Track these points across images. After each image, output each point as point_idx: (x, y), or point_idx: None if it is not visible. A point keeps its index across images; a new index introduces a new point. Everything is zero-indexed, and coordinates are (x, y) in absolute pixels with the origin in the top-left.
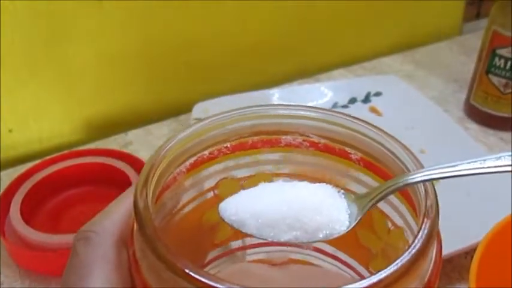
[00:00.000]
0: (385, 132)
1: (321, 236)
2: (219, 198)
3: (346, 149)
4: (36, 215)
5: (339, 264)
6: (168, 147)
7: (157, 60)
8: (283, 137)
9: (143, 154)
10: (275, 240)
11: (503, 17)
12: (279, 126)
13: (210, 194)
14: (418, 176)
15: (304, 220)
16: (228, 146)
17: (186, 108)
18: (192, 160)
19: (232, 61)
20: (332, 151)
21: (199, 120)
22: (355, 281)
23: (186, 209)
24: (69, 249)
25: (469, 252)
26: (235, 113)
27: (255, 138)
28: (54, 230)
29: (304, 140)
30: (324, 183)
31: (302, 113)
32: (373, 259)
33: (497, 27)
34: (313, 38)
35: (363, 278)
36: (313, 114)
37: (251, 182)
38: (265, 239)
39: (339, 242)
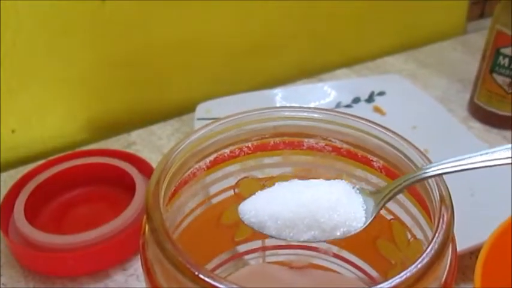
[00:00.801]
0: (405, 140)
1: (338, 234)
2: (240, 197)
3: (369, 156)
4: (40, 215)
5: (358, 273)
6: (181, 148)
7: (160, 60)
8: (306, 139)
9: (146, 154)
10: (294, 240)
11: (507, 16)
12: (301, 128)
13: (231, 193)
14: (430, 171)
15: (322, 220)
16: (250, 145)
17: (189, 108)
18: (211, 158)
19: (235, 61)
20: (354, 157)
21: (218, 119)
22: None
23: (204, 207)
24: (73, 250)
25: (473, 253)
26: (257, 113)
27: (277, 139)
28: (58, 231)
29: (326, 145)
30: (339, 180)
31: (325, 117)
32: (392, 269)
33: (501, 27)
34: (316, 38)
35: None
36: (336, 119)
37: (272, 183)
38: (285, 240)
39: (359, 250)
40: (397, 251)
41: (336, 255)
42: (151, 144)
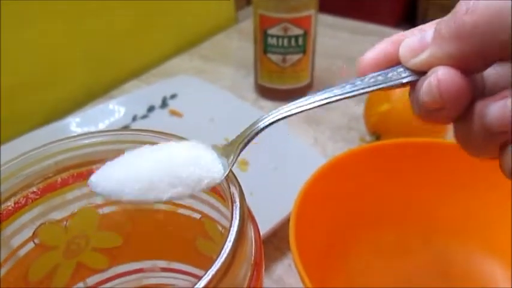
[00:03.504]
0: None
1: (203, 186)
2: (44, 247)
3: None
4: None
5: (190, 278)
6: None
7: None
8: (95, 166)
9: None
10: (158, 201)
11: (265, 0)
12: (85, 157)
13: (31, 245)
14: (270, 118)
15: (184, 175)
16: (35, 190)
17: None
18: None
19: (15, 100)
20: None
21: None
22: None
23: (10, 264)
24: None
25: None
26: (32, 154)
27: (64, 175)
28: None
29: None
30: (187, 141)
31: (107, 138)
32: None
33: (262, 11)
34: (96, 58)
35: None
36: (120, 138)
37: (75, 219)
38: (147, 202)
39: (183, 257)
40: (214, 246)
41: (164, 269)
42: None
